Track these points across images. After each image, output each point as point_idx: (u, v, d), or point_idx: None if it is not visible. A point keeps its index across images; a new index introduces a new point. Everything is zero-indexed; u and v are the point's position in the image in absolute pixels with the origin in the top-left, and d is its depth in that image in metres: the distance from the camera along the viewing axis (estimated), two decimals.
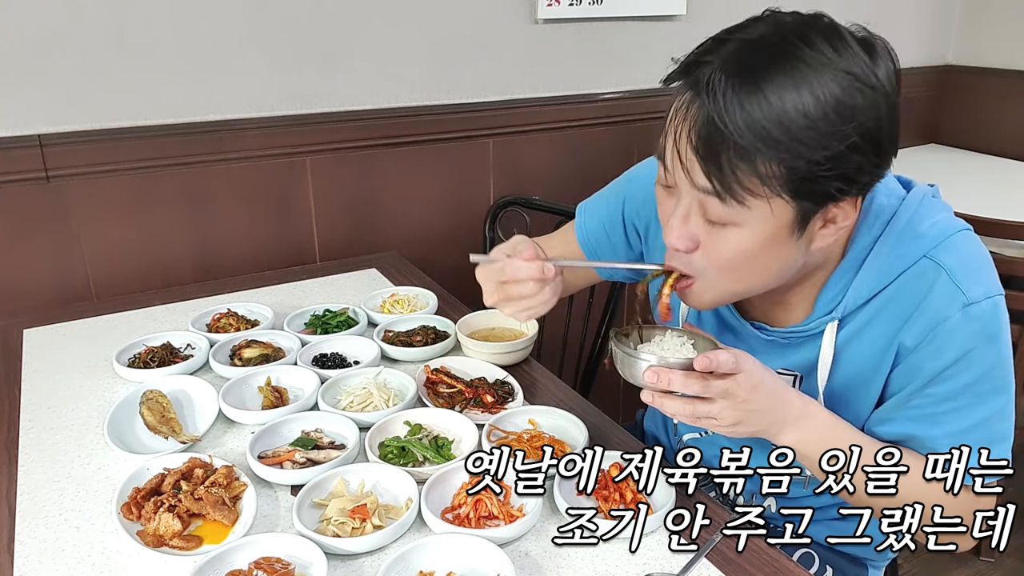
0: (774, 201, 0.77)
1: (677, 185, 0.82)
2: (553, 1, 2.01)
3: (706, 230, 0.82)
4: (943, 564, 2.05)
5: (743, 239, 0.80)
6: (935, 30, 2.92)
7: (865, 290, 0.90)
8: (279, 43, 1.74)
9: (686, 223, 0.82)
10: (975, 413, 0.88)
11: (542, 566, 0.88)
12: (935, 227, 0.89)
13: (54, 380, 1.29)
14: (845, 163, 0.75)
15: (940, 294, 0.86)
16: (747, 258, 0.81)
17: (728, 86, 0.73)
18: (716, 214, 0.79)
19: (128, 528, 0.91)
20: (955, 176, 2.66)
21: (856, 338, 0.93)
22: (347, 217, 1.92)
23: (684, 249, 0.83)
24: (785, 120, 0.72)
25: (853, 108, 0.75)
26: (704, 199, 0.79)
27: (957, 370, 0.87)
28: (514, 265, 0.94)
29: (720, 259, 0.83)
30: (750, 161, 0.74)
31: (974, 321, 0.85)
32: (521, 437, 1.10)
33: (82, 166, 1.60)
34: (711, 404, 0.82)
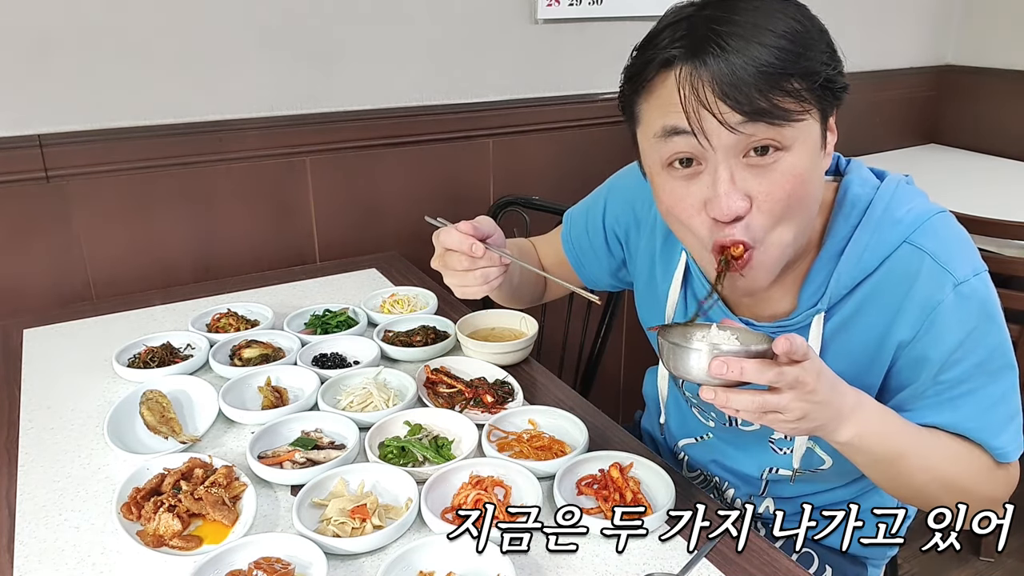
0: (809, 115, 0.80)
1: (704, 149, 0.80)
2: (553, 1, 2.01)
3: (756, 178, 0.80)
4: (943, 564, 2.05)
5: (796, 162, 0.80)
6: (935, 30, 2.92)
7: (847, 279, 0.90)
8: (279, 43, 1.74)
9: (737, 183, 0.80)
10: (992, 391, 0.89)
11: (542, 566, 0.88)
12: (912, 212, 0.89)
13: (54, 380, 1.30)
14: (833, 62, 0.82)
15: (928, 279, 0.86)
16: (801, 183, 0.81)
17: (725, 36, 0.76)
18: (764, 141, 0.78)
19: (128, 528, 0.91)
20: (955, 176, 2.66)
21: (844, 330, 0.93)
22: (347, 217, 1.92)
23: (742, 211, 0.80)
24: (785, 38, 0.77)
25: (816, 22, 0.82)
26: (748, 139, 0.78)
27: (964, 352, 0.87)
28: (447, 233, 0.99)
29: (780, 194, 0.80)
30: (778, 85, 0.76)
31: (968, 299, 0.86)
32: (521, 437, 1.10)
33: (82, 166, 1.60)
34: (780, 395, 0.76)
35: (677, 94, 0.78)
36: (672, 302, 1.06)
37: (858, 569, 1.15)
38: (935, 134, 3.08)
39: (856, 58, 2.77)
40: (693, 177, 0.82)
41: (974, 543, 2.10)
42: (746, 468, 1.11)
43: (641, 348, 1.37)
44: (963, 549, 2.11)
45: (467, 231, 0.98)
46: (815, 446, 1.01)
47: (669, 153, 0.82)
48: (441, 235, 1.00)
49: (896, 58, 2.86)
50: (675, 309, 1.07)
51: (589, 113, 2.16)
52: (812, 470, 1.04)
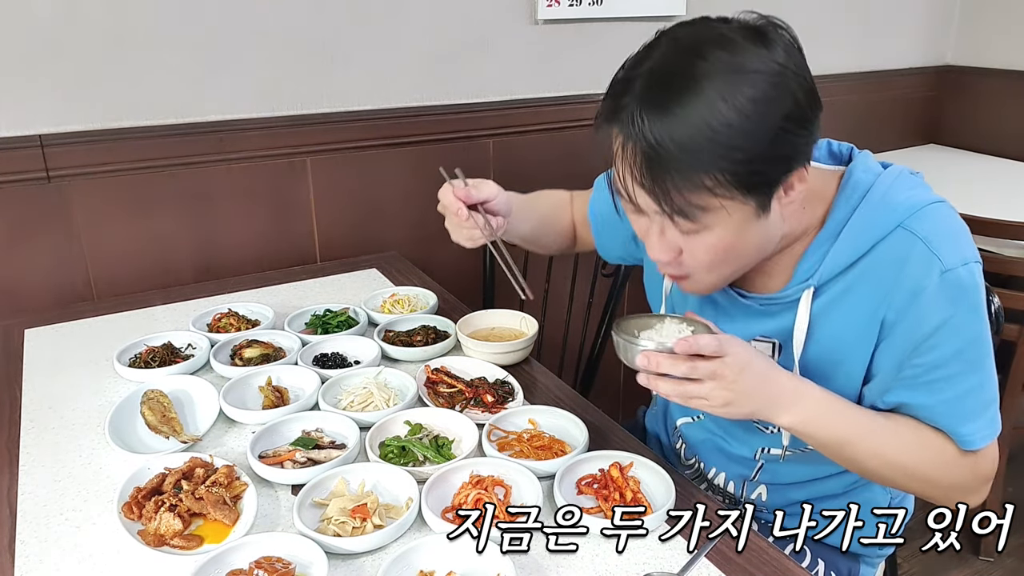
0: (728, 204, 0.82)
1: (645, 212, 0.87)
2: (553, 1, 2.01)
3: (682, 239, 0.87)
4: (943, 563, 2.05)
5: (716, 239, 0.85)
6: (935, 30, 2.92)
7: (842, 258, 0.92)
8: (279, 43, 1.74)
9: (663, 238, 0.89)
10: (968, 380, 0.91)
11: (542, 566, 0.88)
12: (910, 199, 0.91)
13: (55, 380, 1.30)
14: (780, 148, 0.80)
15: (917, 263, 0.88)
16: (726, 251, 0.87)
17: (650, 121, 0.78)
18: (684, 228, 0.85)
19: (129, 528, 0.91)
20: (955, 176, 2.66)
21: (833, 307, 0.94)
22: (347, 217, 1.93)
23: (668, 260, 0.90)
24: (710, 133, 0.77)
25: (767, 99, 0.78)
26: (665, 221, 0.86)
27: (942, 338, 0.89)
28: (444, 191, 1.13)
29: (702, 260, 0.89)
30: (693, 180, 0.79)
31: (952, 287, 0.87)
32: (521, 437, 1.10)
33: (83, 166, 1.61)
34: (700, 385, 0.85)
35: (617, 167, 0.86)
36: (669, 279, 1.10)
37: (850, 563, 1.15)
38: (935, 134, 3.08)
39: (856, 58, 2.80)
40: (638, 218, 0.91)
41: (974, 543, 2.10)
42: (739, 449, 1.13)
43: None
44: (963, 549, 2.11)
45: (459, 195, 1.10)
46: None
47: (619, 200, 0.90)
48: (441, 190, 1.13)
49: (896, 58, 2.86)
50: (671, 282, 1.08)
51: (589, 113, 2.15)
52: (802, 449, 1.06)
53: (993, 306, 1.19)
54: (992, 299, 1.20)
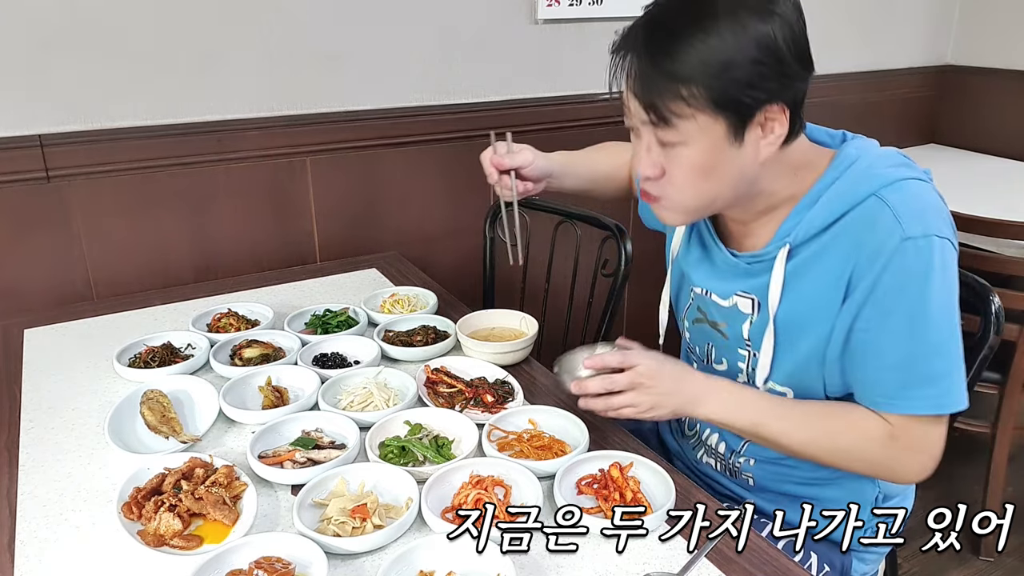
0: (700, 117, 0.90)
1: (636, 126, 0.97)
2: (553, 1, 2.01)
3: (665, 155, 0.96)
4: (942, 563, 2.05)
5: (691, 154, 0.93)
6: (935, 30, 2.92)
7: (818, 221, 0.97)
8: (279, 43, 1.74)
9: (650, 154, 0.97)
10: (907, 348, 0.93)
11: (542, 566, 0.88)
12: (891, 173, 0.96)
13: (55, 380, 1.30)
14: (753, 79, 0.89)
15: (881, 228, 0.92)
16: (699, 170, 0.95)
17: (646, 36, 0.91)
18: (664, 138, 0.94)
19: (129, 528, 0.91)
20: (955, 176, 2.66)
21: (807, 268, 0.99)
22: (347, 217, 1.93)
23: (653, 175, 0.98)
24: (693, 50, 0.88)
25: (755, 34, 0.87)
26: (654, 129, 0.94)
27: (889, 304, 0.93)
28: (484, 154, 1.23)
29: (678, 175, 0.96)
30: (672, 89, 0.89)
31: (907, 255, 0.91)
32: (521, 437, 1.10)
33: (82, 166, 1.61)
34: (624, 395, 0.99)
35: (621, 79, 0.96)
36: (677, 238, 1.19)
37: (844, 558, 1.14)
38: (934, 134, 3.08)
39: (856, 58, 2.79)
40: (636, 136, 1.00)
41: (974, 543, 2.10)
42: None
43: None
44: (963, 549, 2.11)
45: (494, 161, 1.21)
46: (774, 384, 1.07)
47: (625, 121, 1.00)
48: (483, 153, 1.24)
49: (896, 58, 2.86)
50: (679, 245, 1.18)
51: (589, 113, 2.16)
52: None
53: (993, 306, 1.19)
54: (992, 299, 1.19)
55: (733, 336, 1.10)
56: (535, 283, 1.89)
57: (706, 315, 1.14)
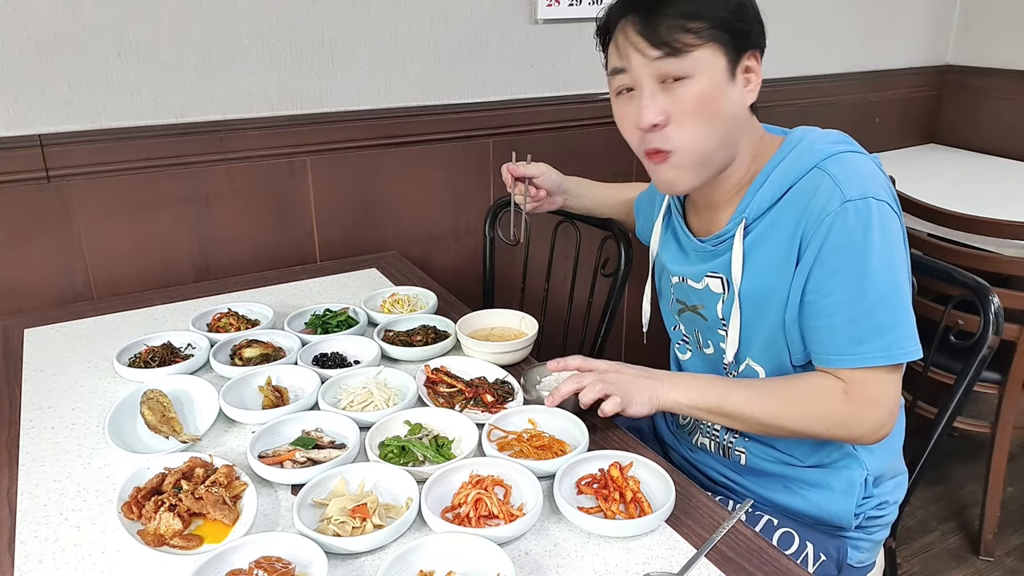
0: (707, 47, 0.99)
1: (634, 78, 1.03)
2: (553, 1, 2.01)
3: (670, 98, 1.01)
4: (942, 563, 2.05)
5: (698, 85, 1.00)
6: (935, 30, 2.92)
7: (768, 195, 1.05)
8: (279, 43, 1.74)
9: (655, 100, 1.02)
10: (856, 305, 0.99)
11: (542, 565, 0.88)
12: (831, 148, 1.04)
13: (55, 380, 1.30)
14: (741, 14, 1.01)
15: (823, 194, 1.00)
16: (706, 103, 1.01)
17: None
18: (674, 72, 1.00)
19: (129, 527, 0.91)
20: (955, 176, 2.66)
21: (761, 241, 1.06)
22: (347, 217, 1.93)
23: (661, 122, 1.02)
24: None
25: None
26: (659, 69, 1.00)
27: (835, 264, 0.99)
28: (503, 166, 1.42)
29: (687, 111, 1.01)
30: (680, 23, 0.98)
31: (848, 216, 0.97)
32: (521, 436, 1.10)
33: (82, 166, 1.61)
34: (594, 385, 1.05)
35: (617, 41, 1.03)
36: (656, 236, 1.26)
37: (839, 545, 1.16)
38: (935, 134, 3.09)
39: (856, 58, 2.80)
40: (630, 101, 1.05)
41: (974, 543, 2.10)
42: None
43: (641, 348, 1.37)
44: (963, 549, 2.11)
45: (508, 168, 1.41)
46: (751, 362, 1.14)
47: (617, 86, 1.06)
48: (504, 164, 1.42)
49: (896, 58, 2.86)
50: (658, 242, 1.26)
51: (589, 113, 2.16)
52: None
53: (993, 306, 1.19)
54: (992, 299, 1.19)
55: (712, 318, 1.16)
56: (535, 283, 1.89)
57: (686, 302, 1.21)
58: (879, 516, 1.18)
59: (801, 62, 2.61)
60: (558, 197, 1.49)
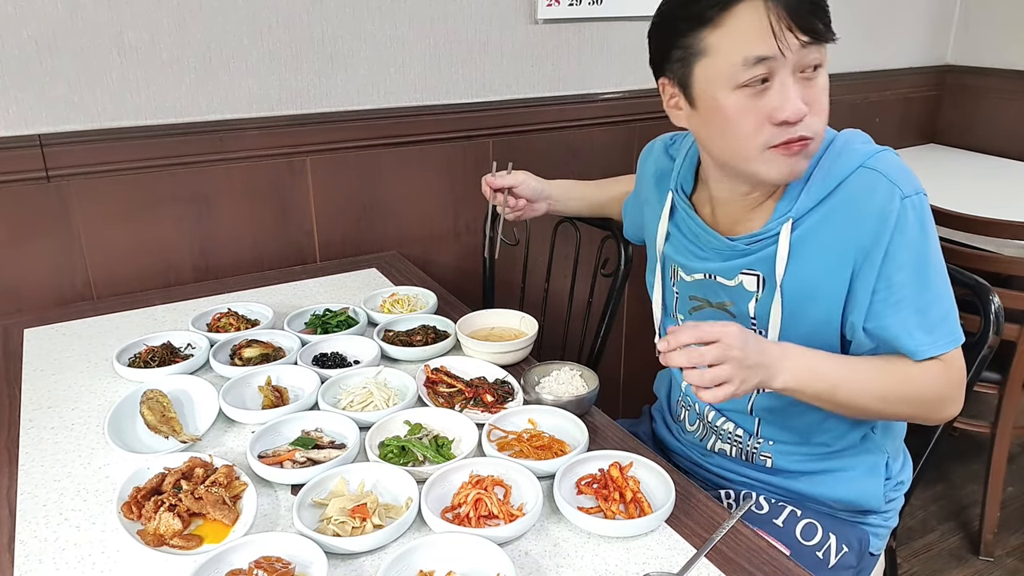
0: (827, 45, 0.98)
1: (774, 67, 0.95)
2: (553, 1, 2.01)
3: (807, 89, 0.98)
4: (943, 563, 2.05)
5: (826, 77, 1.00)
6: (935, 30, 2.92)
7: (815, 194, 1.04)
8: (279, 43, 1.74)
9: (796, 89, 0.97)
10: (924, 295, 1.02)
11: (542, 565, 0.88)
12: (866, 145, 1.06)
13: (55, 380, 1.30)
14: None
15: (883, 192, 1.00)
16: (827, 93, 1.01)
17: None
18: (813, 60, 0.97)
19: (128, 527, 0.91)
20: (955, 176, 2.66)
21: (810, 238, 1.05)
22: (347, 217, 1.93)
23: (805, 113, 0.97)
24: None
25: None
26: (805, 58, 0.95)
27: (904, 259, 1.01)
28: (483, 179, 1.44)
29: (823, 100, 1.00)
30: (825, 13, 0.96)
31: (912, 211, 1.00)
32: (521, 436, 1.10)
33: (82, 166, 1.61)
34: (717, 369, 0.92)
35: (764, 24, 0.93)
36: (662, 234, 1.23)
37: (860, 535, 1.18)
38: (935, 134, 3.09)
39: (856, 58, 2.79)
40: (762, 94, 0.97)
41: (974, 543, 2.10)
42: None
43: (641, 348, 1.37)
44: (963, 549, 2.11)
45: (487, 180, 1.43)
46: None
47: (748, 77, 0.96)
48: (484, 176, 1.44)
49: (896, 58, 2.86)
50: (664, 239, 1.23)
51: (589, 113, 2.16)
52: None
53: (993, 306, 1.19)
54: (992, 299, 1.20)
55: (740, 316, 1.14)
56: (535, 283, 1.89)
57: (709, 300, 1.18)
58: (894, 498, 1.22)
59: None
60: (540, 204, 1.48)
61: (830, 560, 1.13)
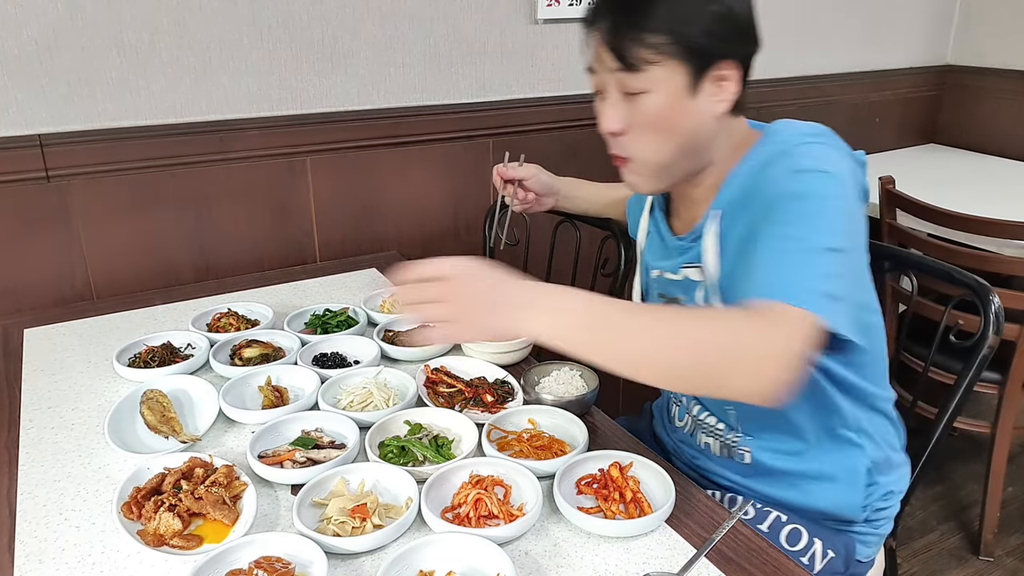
0: (666, 64, 0.97)
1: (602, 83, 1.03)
2: (553, 1, 2.01)
3: (630, 109, 1.01)
4: (942, 563, 2.05)
5: (655, 101, 0.99)
6: (935, 30, 2.92)
7: (738, 186, 1.04)
8: (279, 43, 1.74)
9: (615, 109, 1.02)
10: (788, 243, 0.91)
11: (542, 565, 0.88)
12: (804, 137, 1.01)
13: (55, 380, 1.30)
14: (709, 28, 0.97)
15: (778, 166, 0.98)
16: (661, 119, 1.00)
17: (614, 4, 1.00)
18: (631, 87, 0.99)
19: (128, 528, 0.91)
20: (955, 176, 2.66)
21: (732, 227, 1.05)
22: (347, 217, 1.93)
23: (617, 130, 1.03)
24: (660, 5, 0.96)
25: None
26: (621, 81, 1.00)
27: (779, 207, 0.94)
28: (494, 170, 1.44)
29: (643, 124, 1.01)
30: (642, 38, 0.96)
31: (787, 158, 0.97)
32: (521, 436, 1.10)
33: (82, 166, 1.61)
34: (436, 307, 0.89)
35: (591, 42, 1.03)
36: (642, 231, 1.26)
37: (847, 541, 1.16)
38: (935, 134, 3.09)
39: (856, 58, 2.80)
40: (601, 102, 1.06)
41: (974, 543, 2.10)
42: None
43: None
44: (963, 549, 2.11)
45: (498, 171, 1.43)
46: None
47: (593, 86, 1.07)
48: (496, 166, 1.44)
49: (896, 58, 2.86)
50: (645, 236, 1.26)
51: (589, 113, 2.15)
52: None
53: (993, 306, 1.19)
54: (992, 299, 1.19)
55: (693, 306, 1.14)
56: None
57: (667, 295, 1.20)
58: (884, 508, 1.18)
59: (801, 62, 2.61)
60: (548, 199, 1.50)
61: (815, 566, 1.12)
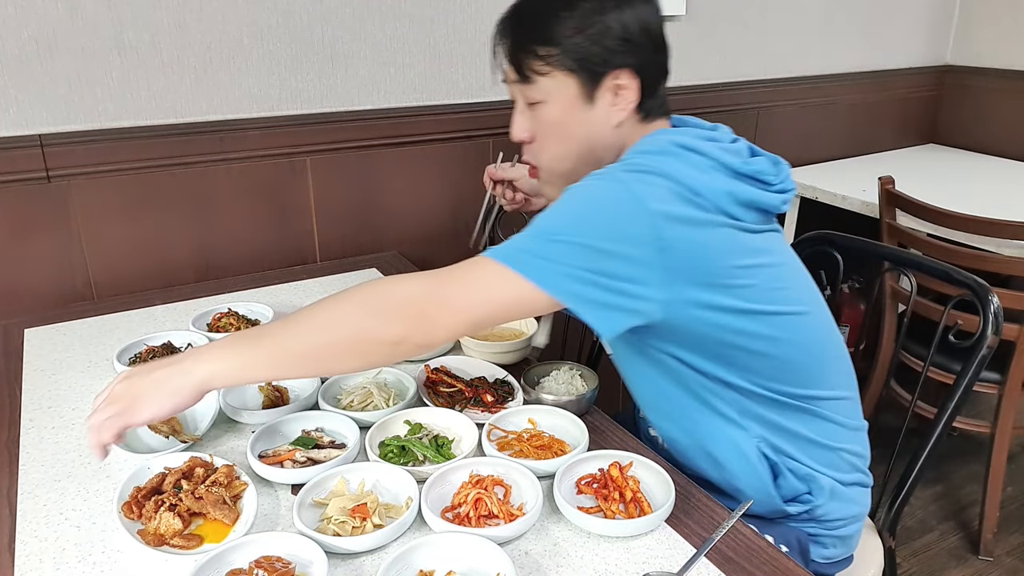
0: (556, 75, 1.02)
1: (513, 96, 1.09)
2: None
3: (532, 118, 1.07)
4: (942, 562, 2.05)
5: (551, 110, 1.04)
6: (935, 30, 2.92)
7: None
8: (279, 43, 1.74)
9: (522, 117, 1.09)
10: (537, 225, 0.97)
11: (542, 565, 0.88)
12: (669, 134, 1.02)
13: (55, 379, 1.30)
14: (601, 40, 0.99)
15: None
16: (558, 127, 1.05)
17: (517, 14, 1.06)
18: (530, 97, 1.05)
19: (129, 527, 0.91)
20: (954, 176, 2.66)
21: None
22: (347, 217, 1.93)
23: (525, 138, 1.10)
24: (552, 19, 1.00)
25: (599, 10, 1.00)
26: (522, 91, 1.06)
27: None
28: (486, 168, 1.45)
29: (544, 133, 1.07)
30: (533, 51, 1.02)
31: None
32: (521, 436, 1.10)
33: (83, 166, 1.61)
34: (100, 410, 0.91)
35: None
36: None
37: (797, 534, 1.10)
38: (934, 134, 3.09)
39: (856, 58, 2.80)
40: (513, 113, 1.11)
41: (973, 542, 2.10)
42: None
43: None
44: (962, 548, 2.11)
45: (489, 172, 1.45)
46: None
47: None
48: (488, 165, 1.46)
49: (896, 58, 2.86)
50: None
51: None
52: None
53: (992, 306, 1.19)
54: (992, 299, 1.20)
55: None
56: None
57: None
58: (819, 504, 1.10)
59: (801, 62, 2.61)
60: (539, 200, 1.48)
61: None
